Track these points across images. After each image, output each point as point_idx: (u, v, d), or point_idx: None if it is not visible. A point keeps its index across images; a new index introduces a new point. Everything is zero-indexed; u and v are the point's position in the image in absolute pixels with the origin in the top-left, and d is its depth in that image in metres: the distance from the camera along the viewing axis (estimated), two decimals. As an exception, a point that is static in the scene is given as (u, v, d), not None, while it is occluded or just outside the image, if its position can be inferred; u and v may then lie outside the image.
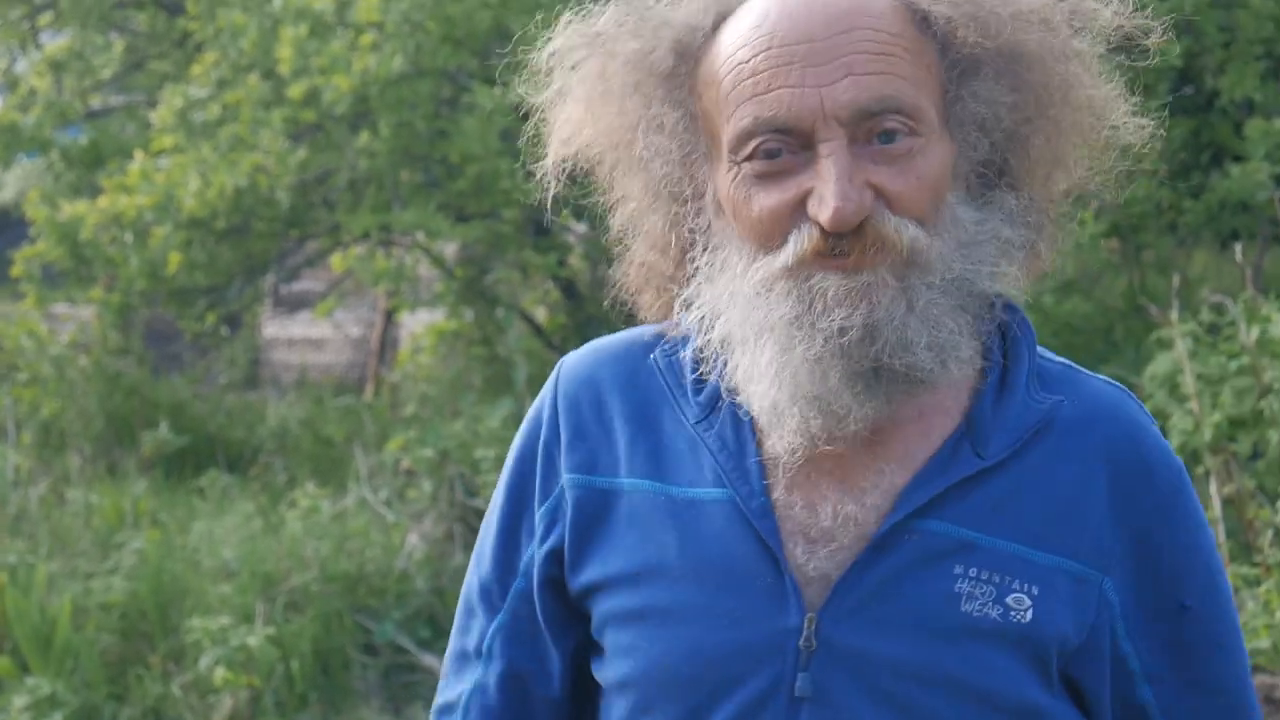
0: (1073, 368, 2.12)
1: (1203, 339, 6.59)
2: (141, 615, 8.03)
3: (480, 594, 2.25)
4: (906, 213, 1.94)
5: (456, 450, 8.98)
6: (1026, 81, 2.01)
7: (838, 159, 1.91)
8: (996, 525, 1.98)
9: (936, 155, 1.97)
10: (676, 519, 2.06)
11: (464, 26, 10.49)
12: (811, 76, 1.92)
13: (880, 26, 1.94)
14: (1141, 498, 2.03)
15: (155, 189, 10.92)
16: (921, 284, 1.95)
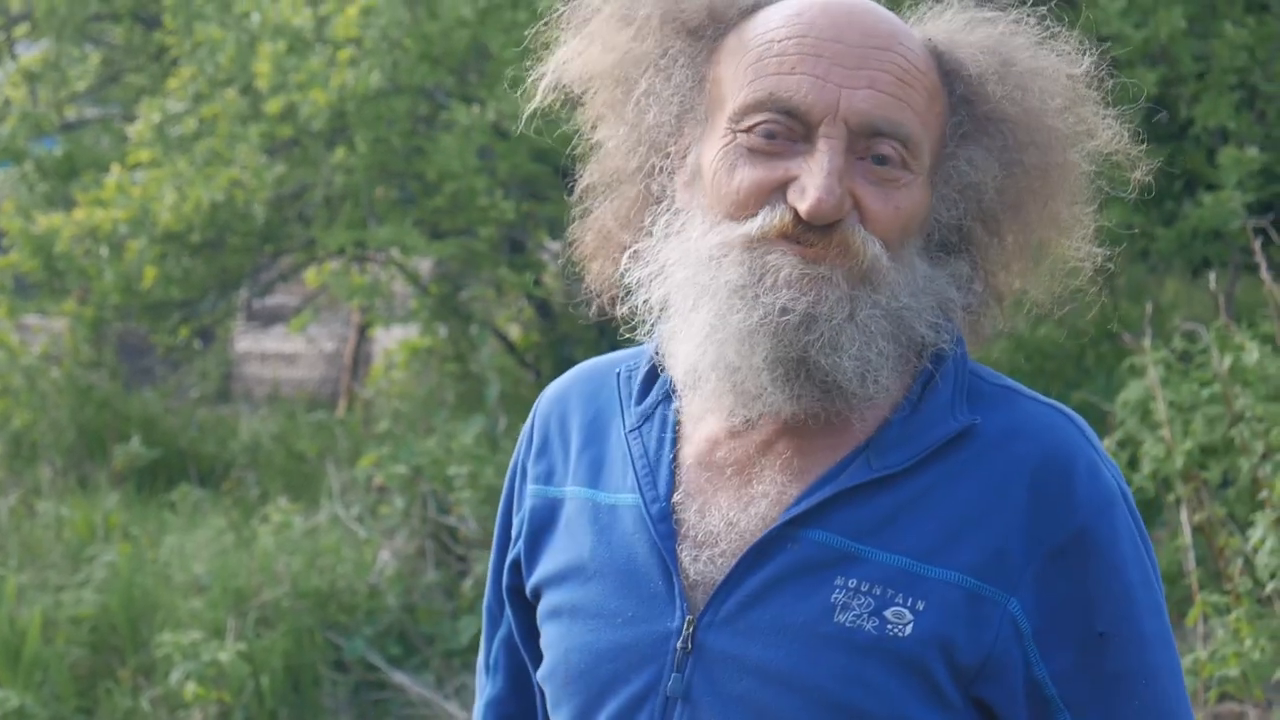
0: (1012, 389, 2.10)
1: (1175, 366, 6.61)
2: (112, 629, 8.02)
3: (487, 609, 2.37)
4: (876, 232, 1.97)
5: (429, 467, 8.98)
6: (1024, 165, 2.06)
7: (833, 156, 1.95)
8: (884, 538, 1.97)
9: (917, 196, 2.01)
10: (597, 523, 2.12)
11: (441, 44, 10.50)
12: (836, 74, 1.97)
13: (911, 58, 2.00)
14: (1059, 518, 1.98)
15: (131, 203, 10.90)
16: (868, 298, 1.98)
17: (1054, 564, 1.97)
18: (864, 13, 2.02)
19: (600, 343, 12.24)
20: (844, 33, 1.99)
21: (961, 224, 2.07)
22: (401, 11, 10.31)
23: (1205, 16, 9.58)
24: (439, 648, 8.20)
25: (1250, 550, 5.23)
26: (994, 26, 2.08)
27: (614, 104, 2.15)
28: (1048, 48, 2.10)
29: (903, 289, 2.00)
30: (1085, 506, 1.99)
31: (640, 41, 2.10)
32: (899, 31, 2.02)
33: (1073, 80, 2.08)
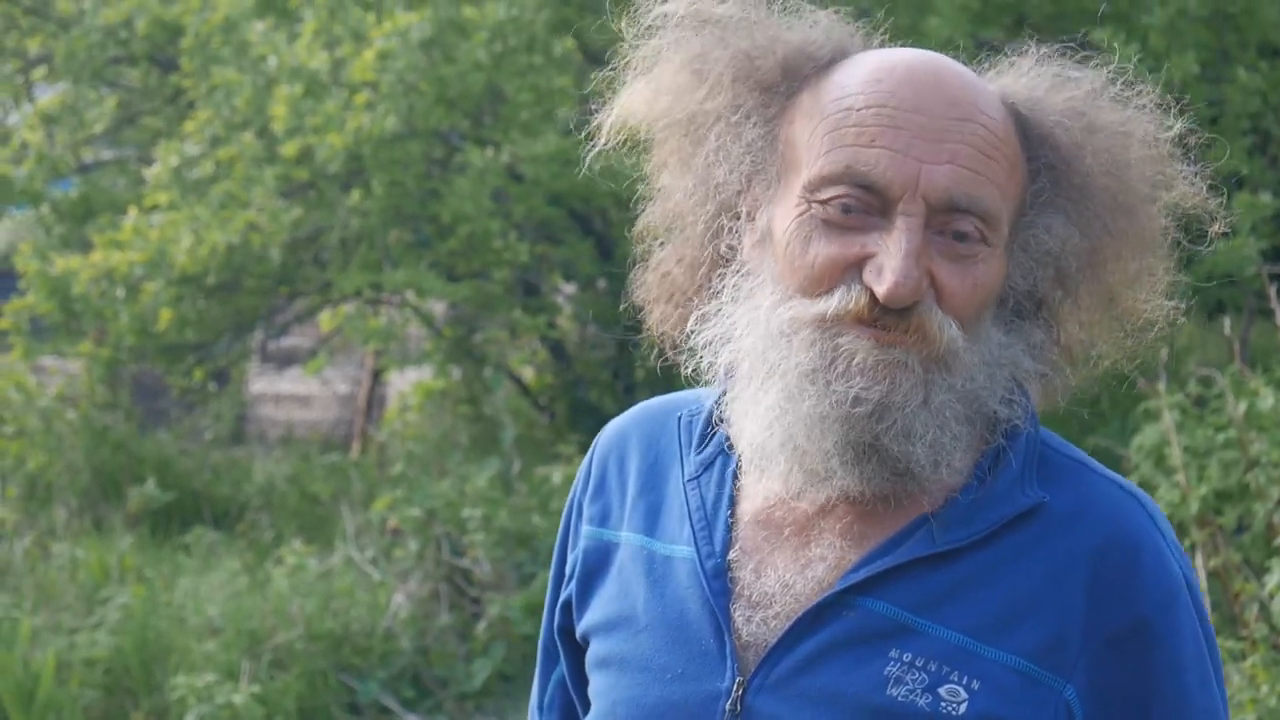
0: (1084, 464, 2.03)
1: (1190, 411, 6.61)
2: (126, 671, 8.02)
3: (541, 647, 2.32)
4: (952, 312, 1.91)
5: (443, 510, 8.98)
6: (1108, 230, 2.00)
7: (910, 236, 1.89)
8: (943, 613, 1.92)
9: (995, 269, 1.95)
10: (651, 574, 2.08)
11: (457, 88, 10.55)
12: (917, 148, 1.90)
13: (993, 129, 1.93)
14: (1119, 605, 1.92)
15: (147, 245, 10.95)
16: (943, 383, 1.92)
17: (1110, 652, 1.92)
18: (947, 80, 1.95)
19: (615, 385, 12.26)
20: (926, 103, 1.92)
21: (1037, 290, 2.01)
22: (417, 55, 10.36)
23: (1218, 62, 9.61)
24: (453, 690, 8.19)
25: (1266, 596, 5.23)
26: (1078, 87, 2.01)
27: (682, 155, 2.08)
28: (1130, 105, 2.04)
29: (978, 368, 1.95)
30: (1147, 596, 1.93)
31: (712, 98, 2.03)
32: (982, 99, 1.95)
33: (1155, 139, 2.03)
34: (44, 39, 14.13)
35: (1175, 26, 9.04)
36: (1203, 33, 9.30)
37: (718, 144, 2.03)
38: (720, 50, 2.03)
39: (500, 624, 8.34)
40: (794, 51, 2.01)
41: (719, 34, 2.04)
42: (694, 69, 2.04)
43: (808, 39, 2.02)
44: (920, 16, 9.91)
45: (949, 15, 9.37)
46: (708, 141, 2.04)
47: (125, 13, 13.17)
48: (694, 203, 2.07)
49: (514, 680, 8.25)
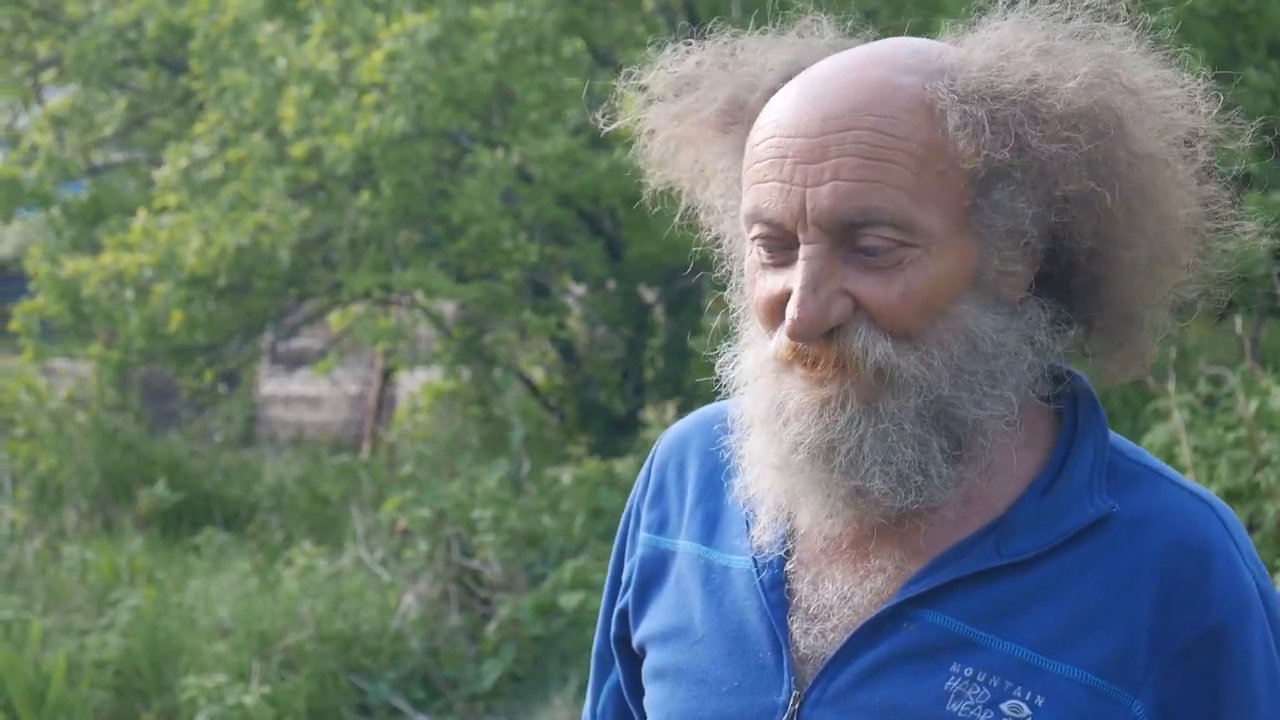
0: (1157, 471, 1.95)
1: (1199, 410, 6.61)
2: (136, 673, 8.03)
3: (596, 655, 2.29)
4: (888, 326, 1.83)
5: (453, 510, 8.98)
6: (1065, 193, 1.84)
7: (808, 266, 1.82)
8: (1006, 626, 1.86)
9: (936, 266, 1.83)
10: (709, 584, 2.05)
11: (465, 88, 10.55)
12: (799, 174, 1.83)
13: (882, 128, 1.81)
14: (1189, 616, 1.85)
15: (157, 247, 10.96)
16: (889, 406, 1.85)
17: (1180, 665, 1.85)
18: (834, 89, 1.85)
19: (624, 386, 12.26)
20: (804, 122, 1.83)
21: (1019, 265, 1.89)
22: (426, 56, 10.36)
23: (1227, 62, 9.60)
24: (463, 691, 8.19)
25: (1277, 595, 5.22)
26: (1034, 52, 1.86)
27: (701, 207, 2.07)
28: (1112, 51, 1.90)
29: (940, 373, 1.84)
30: (1218, 605, 1.85)
31: (691, 144, 2.01)
32: (869, 100, 1.83)
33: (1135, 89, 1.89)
34: (53, 41, 14.15)
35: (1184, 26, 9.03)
36: (1212, 32, 9.29)
37: (707, 193, 2.03)
38: (675, 121, 2.01)
39: (510, 625, 8.34)
40: (740, 87, 1.97)
41: (691, 86, 2.01)
42: (674, 113, 2.02)
43: (756, 70, 1.98)
44: (931, 16, 9.91)
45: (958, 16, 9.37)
46: (708, 187, 2.03)
47: (134, 14, 13.18)
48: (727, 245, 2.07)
49: (524, 681, 8.25)
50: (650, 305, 12.63)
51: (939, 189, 1.83)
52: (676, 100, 2.01)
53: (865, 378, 1.84)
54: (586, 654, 8.01)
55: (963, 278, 1.85)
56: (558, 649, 8.19)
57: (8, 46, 14.36)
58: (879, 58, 1.88)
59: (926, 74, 1.85)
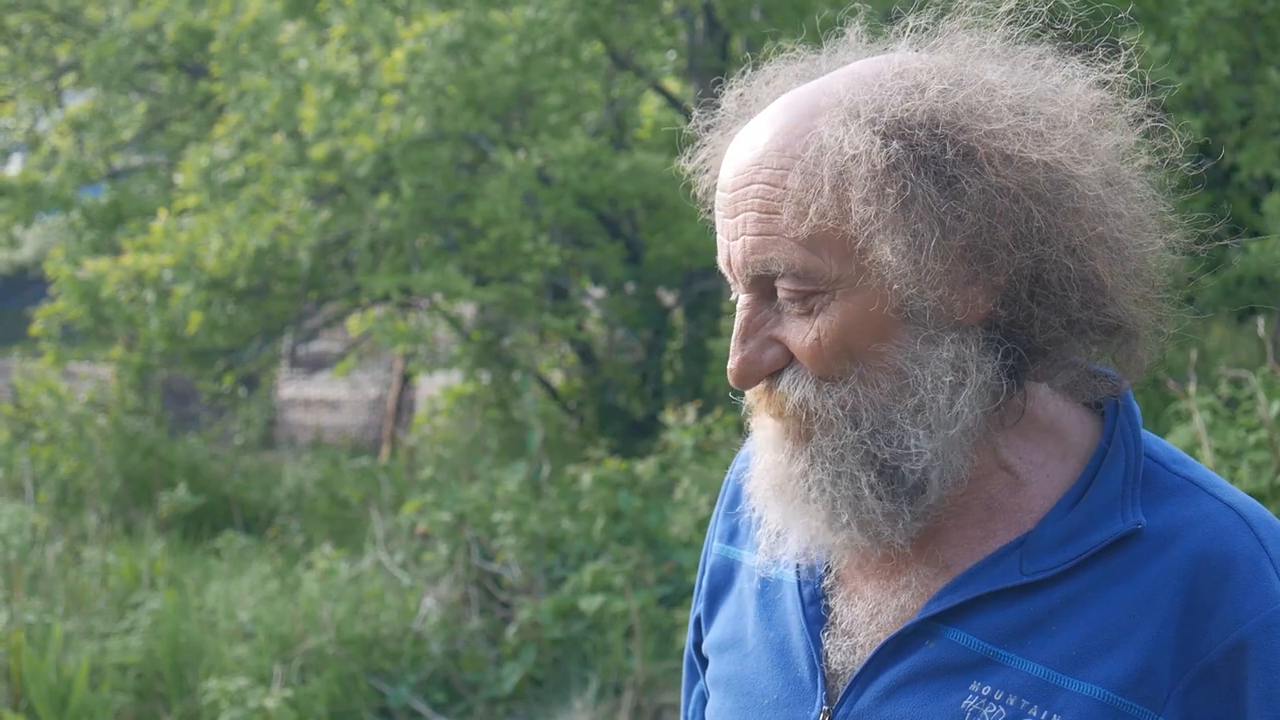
0: (1197, 483, 1.90)
1: (1220, 412, 6.60)
2: (157, 676, 8.04)
3: (686, 660, 2.31)
4: (812, 369, 1.85)
5: (473, 514, 8.98)
6: (967, 215, 1.79)
7: (738, 316, 1.88)
8: (1026, 645, 1.85)
9: (847, 308, 1.83)
10: (764, 596, 2.08)
11: (485, 91, 10.56)
12: (726, 228, 1.88)
13: (774, 180, 1.83)
14: (1213, 632, 1.81)
15: (177, 248, 10.98)
16: (823, 445, 1.87)
17: (1205, 684, 1.80)
18: (748, 141, 1.87)
19: (643, 389, 12.26)
20: (727, 175, 1.88)
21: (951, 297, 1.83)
22: (446, 59, 10.37)
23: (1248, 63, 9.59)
24: (482, 695, 8.19)
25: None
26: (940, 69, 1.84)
27: None
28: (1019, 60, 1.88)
29: (866, 411, 1.84)
30: (1242, 620, 1.80)
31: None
32: (768, 151, 1.84)
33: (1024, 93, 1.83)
34: (73, 46, 14.20)
35: (1205, 27, 9.01)
36: (1233, 34, 9.27)
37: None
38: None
39: (530, 628, 8.34)
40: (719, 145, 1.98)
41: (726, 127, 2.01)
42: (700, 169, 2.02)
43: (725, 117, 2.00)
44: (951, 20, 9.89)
45: (978, 17, 9.35)
46: None
47: (154, 18, 13.22)
48: None
49: (544, 684, 8.26)
50: (669, 308, 12.64)
51: (834, 236, 1.81)
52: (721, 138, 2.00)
53: (795, 418, 1.87)
54: (606, 657, 8.01)
55: (881, 315, 1.83)
56: (578, 652, 8.19)
57: (28, 51, 14.41)
58: (800, 101, 1.87)
59: (834, 117, 1.83)
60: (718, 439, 9.17)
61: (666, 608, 8.11)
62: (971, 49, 1.90)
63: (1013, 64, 1.88)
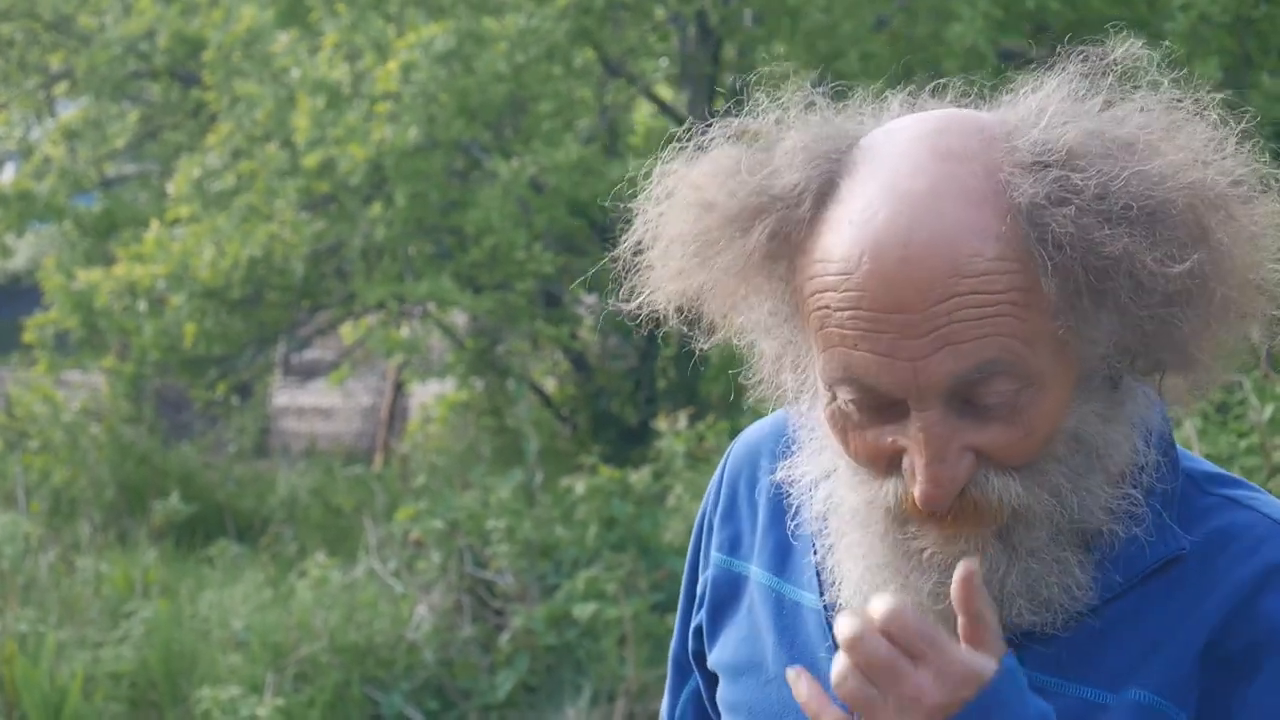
0: (1234, 500, 1.87)
1: (1212, 417, 6.60)
2: (151, 685, 8.03)
3: (673, 660, 2.23)
4: (1014, 464, 1.75)
5: (466, 521, 8.98)
6: (1160, 285, 1.71)
7: (929, 435, 1.73)
8: (1075, 670, 1.82)
9: (1051, 395, 1.75)
10: (781, 620, 1.99)
11: (478, 98, 10.56)
12: (904, 349, 1.70)
13: (983, 288, 1.69)
14: (1238, 629, 1.80)
15: (170, 258, 10.98)
16: (1026, 541, 1.78)
17: (1220, 673, 1.79)
18: (918, 257, 1.70)
19: (636, 396, 12.26)
20: (899, 297, 1.69)
21: (1130, 351, 1.78)
22: (439, 67, 10.38)
23: (1240, 67, 9.60)
24: (476, 702, 8.19)
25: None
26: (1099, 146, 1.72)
27: (727, 320, 1.91)
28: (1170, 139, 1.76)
29: (1067, 489, 1.76)
30: (1262, 626, 1.78)
31: (722, 282, 1.85)
32: (960, 261, 1.69)
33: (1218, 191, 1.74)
34: (66, 54, 14.19)
35: (1197, 32, 9.03)
36: (1225, 39, 9.29)
37: (745, 318, 1.89)
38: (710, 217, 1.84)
39: (524, 635, 8.33)
40: (778, 212, 1.80)
41: (704, 198, 1.84)
42: (693, 248, 1.85)
43: (786, 187, 1.79)
44: (943, 24, 9.91)
45: (971, 23, 9.37)
46: (738, 314, 1.89)
47: (146, 26, 13.22)
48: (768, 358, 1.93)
49: (537, 691, 8.25)
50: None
51: (1044, 317, 1.71)
52: (698, 219, 1.85)
53: (1002, 521, 1.77)
54: (600, 664, 8.01)
55: (1069, 391, 1.76)
56: (571, 659, 8.19)
57: (21, 59, 14.41)
58: (945, 193, 1.72)
59: (1006, 210, 1.71)
60: (710, 446, 9.17)
61: (660, 614, 8.11)
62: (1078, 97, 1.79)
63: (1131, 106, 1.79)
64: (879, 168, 1.76)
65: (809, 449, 1.91)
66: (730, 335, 1.92)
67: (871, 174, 1.76)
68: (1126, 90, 1.82)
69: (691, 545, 2.19)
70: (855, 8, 10.11)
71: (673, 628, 2.25)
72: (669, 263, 1.87)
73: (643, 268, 1.90)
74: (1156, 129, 1.76)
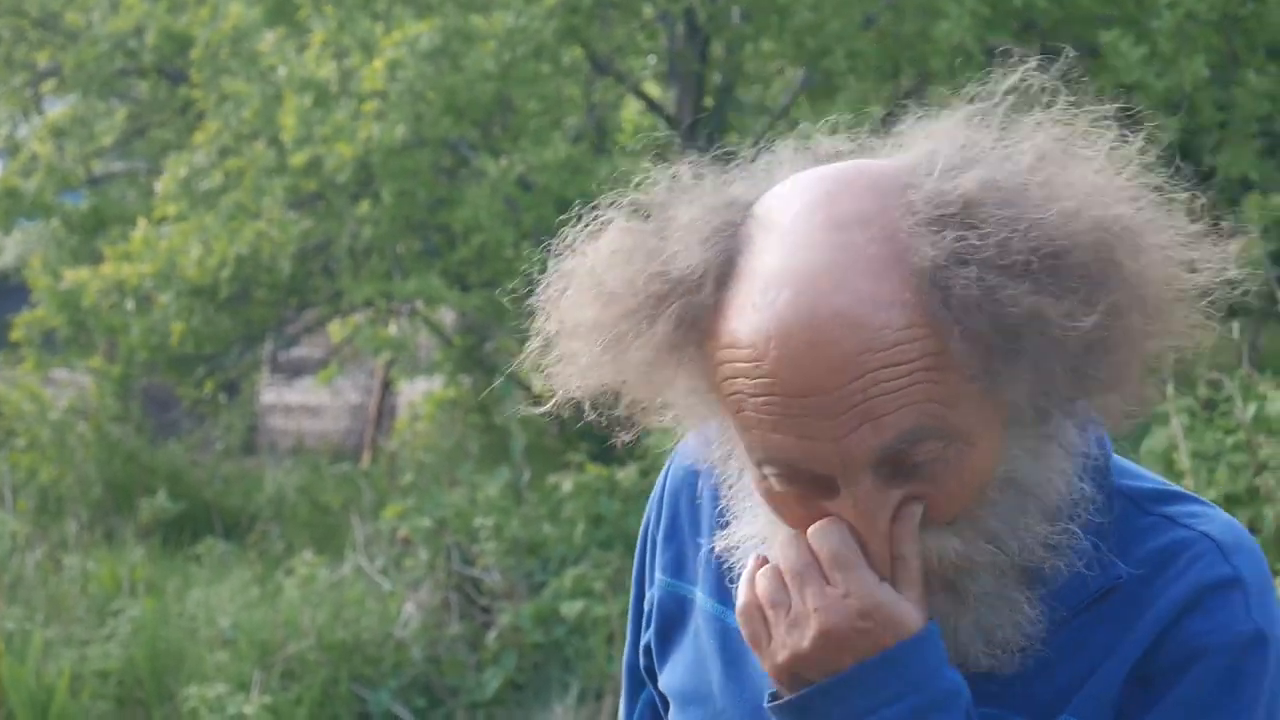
0: (1170, 519, 1.85)
1: (1198, 415, 6.61)
2: (138, 683, 8.03)
3: (627, 668, 2.21)
4: (946, 520, 1.74)
5: (453, 519, 8.98)
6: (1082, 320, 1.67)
7: (861, 509, 1.71)
8: (1013, 701, 1.81)
9: (980, 448, 1.72)
10: (726, 650, 1.97)
11: (465, 97, 10.56)
12: (823, 430, 1.67)
13: (895, 359, 1.65)
14: (1161, 649, 1.79)
15: (157, 256, 10.97)
16: (972, 589, 1.77)
17: (1138, 692, 1.79)
18: (826, 338, 1.65)
19: (624, 394, 12.25)
20: (810, 380, 1.65)
21: (1054, 390, 1.74)
22: (426, 65, 10.37)
23: (1227, 65, 9.61)
24: (463, 700, 8.19)
25: (1277, 600, 5.21)
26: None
27: (641, 410, 1.88)
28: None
29: (1005, 531, 1.76)
30: (1192, 640, 1.78)
31: (628, 368, 1.81)
32: (867, 338, 1.65)
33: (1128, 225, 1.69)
34: (53, 51, 14.17)
35: (1184, 30, 9.04)
36: (1211, 36, 9.30)
37: (661, 400, 1.84)
38: (610, 309, 1.80)
39: (511, 633, 8.34)
40: (680, 297, 1.74)
41: (602, 286, 1.82)
42: (596, 335, 1.82)
43: (686, 269, 1.74)
44: (930, 22, 9.92)
45: (959, 21, 9.38)
46: (653, 400, 1.85)
47: (134, 24, 13.20)
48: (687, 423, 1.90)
49: (525, 689, 8.26)
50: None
51: (962, 385, 1.68)
52: (602, 311, 1.81)
53: (945, 576, 1.76)
54: (588, 661, 8.01)
55: (998, 438, 1.74)
56: (559, 656, 8.19)
57: (7, 56, 14.38)
58: (846, 265, 1.67)
59: (910, 275, 1.67)
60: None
61: (647, 612, 8.11)
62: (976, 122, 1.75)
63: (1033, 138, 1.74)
64: (776, 242, 1.71)
65: (745, 517, 1.86)
66: (652, 421, 1.87)
67: (768, 248, 1.71)
68: (1021, 113, 1.76)
69: (636, 559, 2.16)
70: (843, 6, 10.11)
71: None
72: (578, 358, 1.84)
73: (553, 360, 1.88)
74: (1053, 163, 1.72)
